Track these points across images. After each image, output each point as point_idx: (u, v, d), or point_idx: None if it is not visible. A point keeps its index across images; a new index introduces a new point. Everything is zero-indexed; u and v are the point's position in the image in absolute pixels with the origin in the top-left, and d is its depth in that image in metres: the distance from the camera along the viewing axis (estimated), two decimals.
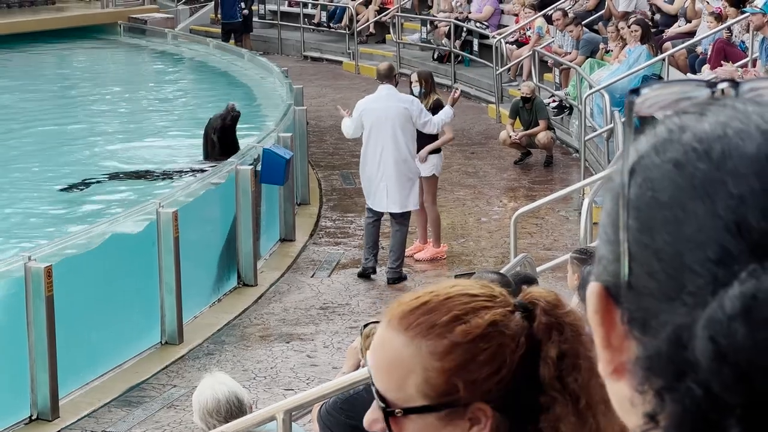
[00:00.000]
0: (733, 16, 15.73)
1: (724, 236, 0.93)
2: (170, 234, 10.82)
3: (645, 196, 0.98)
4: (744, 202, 0.94)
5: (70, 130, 19.28)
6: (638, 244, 0.97)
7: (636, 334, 0.98)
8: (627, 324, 0.99)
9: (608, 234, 1.02)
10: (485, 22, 23.04)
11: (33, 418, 9.48)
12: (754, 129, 0.97)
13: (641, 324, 0.98)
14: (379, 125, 12.25)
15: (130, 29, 28.23)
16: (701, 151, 0.96)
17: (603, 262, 1.02)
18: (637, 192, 0.98)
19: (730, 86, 1.01)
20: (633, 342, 0.99)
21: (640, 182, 0.98)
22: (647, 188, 0.98)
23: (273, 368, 10.28)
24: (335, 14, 27.35)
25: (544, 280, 11.23)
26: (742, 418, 0.92)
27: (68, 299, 9.71)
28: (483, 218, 14.57)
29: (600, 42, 18.70)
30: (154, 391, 9.97)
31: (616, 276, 0.99)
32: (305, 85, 18.81)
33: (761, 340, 0.91)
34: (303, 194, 15.27)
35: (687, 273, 0.95)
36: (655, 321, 0.96)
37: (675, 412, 0.95)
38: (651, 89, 1.01)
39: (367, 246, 12.51)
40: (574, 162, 16.81)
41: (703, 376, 0.93)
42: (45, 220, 14.61)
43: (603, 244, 1.03)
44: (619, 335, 1.00)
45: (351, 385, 5.45)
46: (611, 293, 1.01)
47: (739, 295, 0.92)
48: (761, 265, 0.92)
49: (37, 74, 24.71)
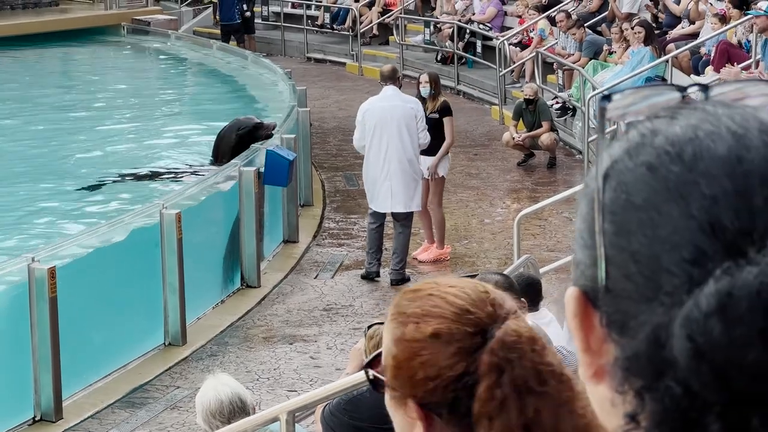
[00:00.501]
0: (736, 17, 15.73)
1: (698, 237, 0.95)
2: (174, 235, 10.82)
3: (620, 199, 0.99)
4: (717, 203, 0.95)
5: (73, 131, 19.29)
6: (615, 247, 0.99)
7: (614, 336, 0.99)
8: (605, 327, 1.00)
9: (584, 239, 1.03)
10: (488, 23, 23.04)
11: (36, 419, 9.49)
12: (724, 131, 0.98)
13: (619, 326, 0.99)
14: (383, 124, 12.23)
15: (134, 31, 28.27)
16: (673, 153, 0.98)
17: (581, 266, 1.04)
18: (612, 196, 0.99)
19: (700, 90, 1.03)
20: (612, 345, 1.00)
21: (614, 186, 1.00)
22: (621, 192, 0.99)
23: (276, 369, 10.29)
24: (338, 16, 27.37)
25: (548, 282, 11.23)
26: (722, 415, 0.93)
27: (72, 300, 9.71)
28: (486, 220, 14.57)
29: (603, 43, 18.70)
30: (157, 392, 9.98)
31: (594, 280, 1.01)
32: (308, 87, 18.81)
33: (737, 336, 0.92)
34: (306, 196, 15.27)
35: (663, 274, 0.96)
36: (633, 322, 0.97)
37: (655, 412, 0.96)
38: (622, 95, 1.03)
39: (370, 251, 12.48)
40: (577, 163, 16.81)
41: (682, 374, 0.94)
42: (48, 221, 14.62)
43: (580, 249, 1.04)
44: (597, 338, 1.01)
45: (354, 387, 5.46)
46: (589, 297, 1.02)
47: (714, 292, 0.93)
48: (735, 263, 0.94)
49: (41, 76, 24.72)
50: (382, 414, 1.89)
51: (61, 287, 9.38)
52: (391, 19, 26.20)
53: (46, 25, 28.09)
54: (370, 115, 12.31)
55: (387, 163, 12.24)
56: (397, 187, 12.25)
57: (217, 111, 19.87)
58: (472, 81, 22.46)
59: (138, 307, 11.06)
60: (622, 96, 1.03)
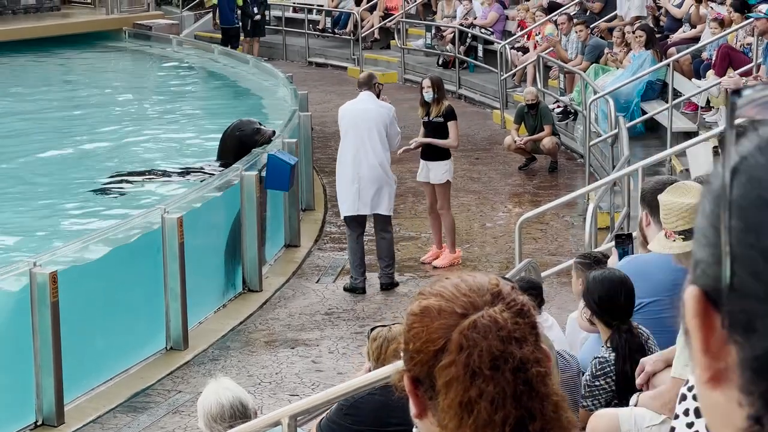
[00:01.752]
0: (738, 21, 15.73)
1: None
2: (175, 240, 10.82)
3: (750, 195, 0.95)
4: None
5: (75, 136, 19.29)
6: (742, 244, 0.95)
7: (737, 337, 0.96)
8: (728, 328, 0.96)
9: (708, 237, 0.99)
10: (490, 28, 23.05)
11: (38, 423, 9.49)
12: None
13: (744, 326, 0.95)
14: (355, 126, 12.28)
15: (135, 35, 28.28)
16: None
17: (701, 265, 1.00)
18: (742, 192, 0.96)
19: None
20: (733, 347, 0.96)
21: (744, 182, 0.96)
22: (753, 188, 0.95)
23: (278, 374, 10.29)
24: (340, 20, 27.38)
25: (549, 286, 11.22)
26: None
27: (73, 305, 9.71)
28: (488, 224, 14.58)
29: (605, 47, 18.70)
30: (159, 396, 9.98)
31: (717, 279, 0.97)
32: (310, 91, 18.82)
33: None
34: (308, 200, 15.27)
35: None
36: (760, 322, 0.94)
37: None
38: (754, 90, 0.99)
39: (353, 265, 12.43)
40: (579, 167, 16.81)
41: None
42: (50, 226, 14.62)
43: (701, 247, 1.00)
44: (718, 340, 0.98)
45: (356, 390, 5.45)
46: (710, 297, 0.98)
47: None
48: None
49: (42, 80, 24.74)
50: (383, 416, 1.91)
51: (62, 292, 9.38)
52: (392, 24, 26.20)
53: (47, 29, 28.10)
54: (342, 117, 12.40)
55: (356, 165, 12.26)
56: (364, 190, 12.25)
57: (218, 115, 19.88)
58: (473, 85, 22.46)
59: (139, 311, 11.06)
60: (754, 92, 0.98)
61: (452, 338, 1.90)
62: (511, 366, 1.89)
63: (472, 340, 1.89)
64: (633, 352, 5.73)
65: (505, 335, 1.90)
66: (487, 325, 1.90)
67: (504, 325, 1.91)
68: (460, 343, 1.89)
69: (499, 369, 1.88)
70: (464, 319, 1.91)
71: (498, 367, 1.88)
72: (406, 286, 12.39)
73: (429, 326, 1.92)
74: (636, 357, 5.66)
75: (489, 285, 1.96)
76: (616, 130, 13.99)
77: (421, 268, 12.99)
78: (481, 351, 1.88)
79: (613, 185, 11.98)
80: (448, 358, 1.89)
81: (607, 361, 5.79)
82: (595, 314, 5.95)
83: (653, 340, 5.87)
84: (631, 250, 7.06)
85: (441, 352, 1.90)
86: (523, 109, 17.15)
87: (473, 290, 1.95)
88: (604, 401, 5.78)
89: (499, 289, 1.95)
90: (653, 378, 5.45)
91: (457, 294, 1.94)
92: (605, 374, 5.79)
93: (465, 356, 1.88)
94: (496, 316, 1.91)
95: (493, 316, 1.91)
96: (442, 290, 1.96)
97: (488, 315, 1.91)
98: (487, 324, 1.90)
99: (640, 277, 6.00)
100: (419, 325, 1.94)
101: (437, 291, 1.96)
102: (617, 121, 14.16)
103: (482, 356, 1.88)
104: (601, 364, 5.80)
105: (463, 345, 1.89)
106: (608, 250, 8.12)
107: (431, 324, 1.92)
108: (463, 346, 1.89)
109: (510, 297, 1.95)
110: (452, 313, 1.92)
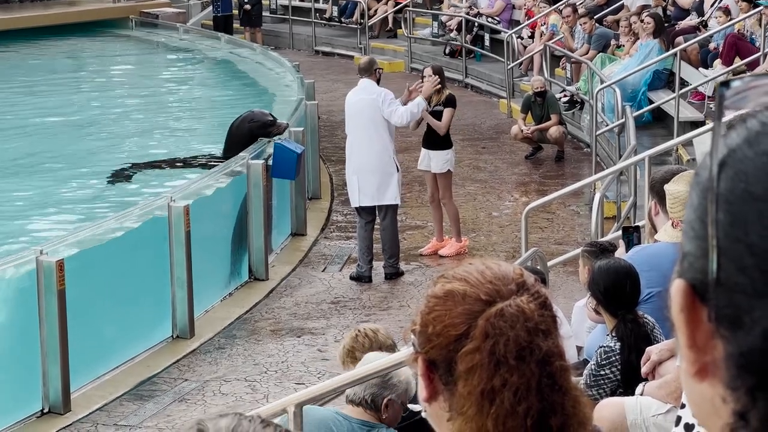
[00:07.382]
0: (745, 10, 15.70)
1: None
2: (182, 228, 10.83)
3: (737, 189, 0.94)
4: None
5: (81, 124, 19.30)
6: (729, 238, 0.94)
7: (724, 331, 0.95)
8: (714, 322, 0.96)
9: (695, 230, 0.99)
10: (496, 17, 23.03)
11: (45, 411, 9.50)
12: None
13: (731, 321, 0.94)
14: (350, 117, 12.37)
15: (142, 24, 28.27)
16: None
17: (689, 258, 0.99)
18: (729, 185, 0.95)
19: None
20: (720, 340, 0.95)
21: (731, 175, 0.95)
22: (740, 181, 0.94)
23: (284, 362, 10.30)
24: (346, 9, 27.36)
25: (555, 275, 11.22)
26: None
27: (80, 293, 9.73)
28: (494, 213, 14.57)
29: (611, 37, 18.68)
30: (165, 384, 9.99)
31: (704, 272, 0.96)
32: (316, 80, 18.81)
33: None
34: (314, 189, 15.27)
35: None
36: (747, 317, 0.93)
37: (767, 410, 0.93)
38: (742, 82, 0.97)
39: (360, 252, 12.44)
40: (586, 157, 16.80)
41: None
42: (56, 213, 14.64)
43: (689, 240, 1.00)
44: (704, 334, 0.97)
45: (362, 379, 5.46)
46: (697, 290, 0.98)
47: None
48: None
49: (49, 69, 24.73)
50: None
51: (69, 280, 9.39)
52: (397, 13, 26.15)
53: (54, 18, 28.10)
54: (346, 109, 12.48)
55: (355, 156, 12.31)
56: (365, 181, 12.26)
57: (225, 104, 19.89)
58: (480, 74, 22.44)
59: (146, 299, 11.07)
60: (742, 83, 0.97)
61: (478, 324, 1.88)
62: (537, 358, 1.88)
63: (499, 328, 1.87)
64: (638, 342, 5.73)
65: (532, 326, 1.88)
66: (514, 315, 1.89)
67: (531, 316, 1.89)
68: (486, 330, 1.87)
69: (524, 360, 1.87)
70: (489, 307, 1.89)
71: (523, 358, 1.87)
72: (412, 275, 12.40)
73: (452, 310, 1.91)
74: (641, 346, 5.65)
75: (514, 274, 1.95)
76: (623, 119, 13.97)
77: (428, 256, 12.97)
78: (507, 340, 1.87)
79: (619, 175, 11.97)
80: (473, 345, 1.87)
81: (612, 351, 5.78)
82: (600, 304, 5.95)
83: (659, 330, 5.87)
84: (636, 240, 7.07)
85: (463, 338, 1.88)
86: (530, 98, 17.13)
87: (498, 278, 1.93)
88: (609, 391, 5.78)
89: (524, 280, 1.95)
90: (659, 367, 5.44)
91: (483, 280, 1.93)
92: (610, 364, 5.78)
93: (491, 344, 1.87)
94: (523, 306, 1.90)
95: (521, 306, 1.90)
96: (467, 275, 1.94)
97: (515, 305, 1.90)
98: (515, 313, 1.89)
99: (650, 267, 5.99)
100: (441, 309, 1.92)
101: (461, 275, 1.95)
102: (624, 110, 14.14)
103: (508, 345, 1.87)
104: (606, 353, 5.80)
105: (489, 332, 1.87)
106: (615, 239, 8.13)
107: (454, 308, 1.91)
108: (489, 334, 1.87)
109: (534, 288, 1.94)
110: (477, 300, 1.90)
